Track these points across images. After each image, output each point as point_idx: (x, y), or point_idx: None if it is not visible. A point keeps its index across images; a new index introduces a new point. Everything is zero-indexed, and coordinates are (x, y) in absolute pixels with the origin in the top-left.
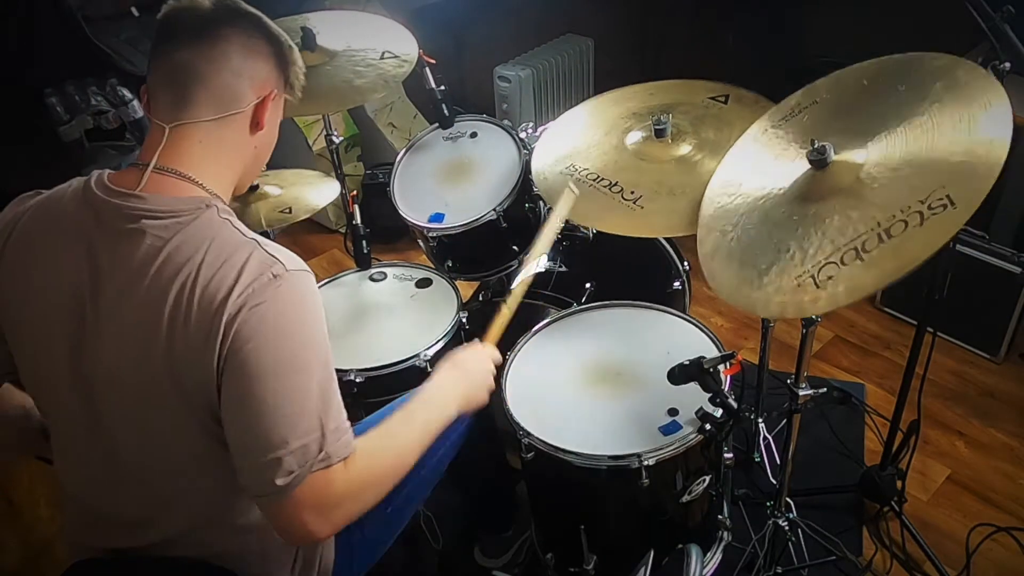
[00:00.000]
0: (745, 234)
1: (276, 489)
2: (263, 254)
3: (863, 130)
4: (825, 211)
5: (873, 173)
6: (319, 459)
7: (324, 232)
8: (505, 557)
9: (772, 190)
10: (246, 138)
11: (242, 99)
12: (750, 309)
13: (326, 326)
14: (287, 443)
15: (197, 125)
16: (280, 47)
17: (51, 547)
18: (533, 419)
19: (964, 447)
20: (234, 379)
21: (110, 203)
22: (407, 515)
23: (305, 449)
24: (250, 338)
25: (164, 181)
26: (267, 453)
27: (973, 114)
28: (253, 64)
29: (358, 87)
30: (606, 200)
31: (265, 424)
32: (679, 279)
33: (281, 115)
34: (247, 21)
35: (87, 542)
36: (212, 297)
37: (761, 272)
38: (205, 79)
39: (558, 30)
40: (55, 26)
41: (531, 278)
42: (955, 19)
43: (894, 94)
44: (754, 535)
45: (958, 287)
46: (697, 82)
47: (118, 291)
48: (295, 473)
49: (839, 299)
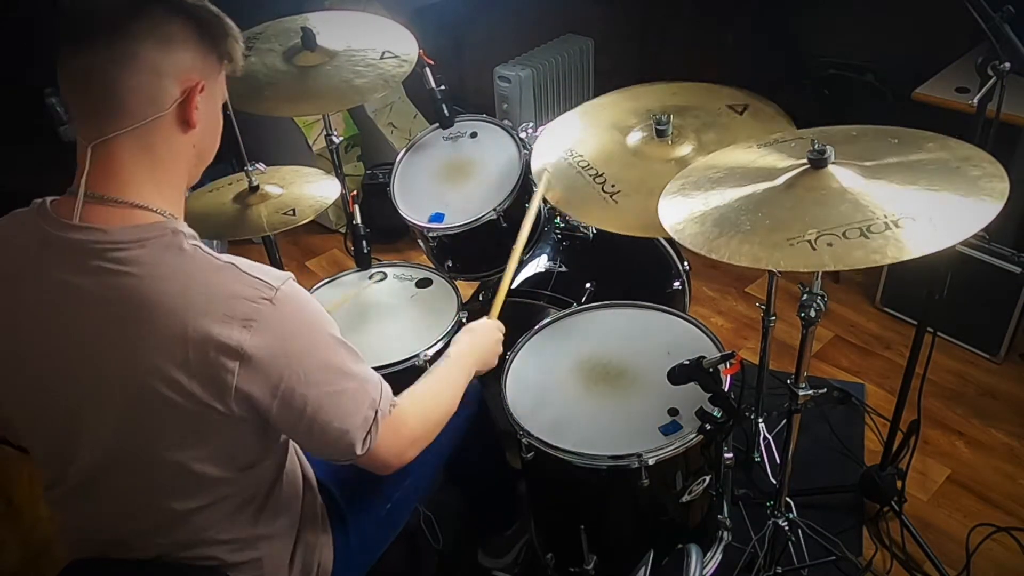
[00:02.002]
0: (721, 199)
1: (358, 456)
2: (246, 278)
3: (867, 167)
4: (821, 199)
5: (868, 188)
6: (379, 419)
7: (324, 232)
8: (507, 558)
9: (760, 171)
10: (179, 140)
11: (164, 99)
12: (720, 256)
13: (321, 308)
14: (352, 427)
15: (118, 139)
16: (205, 24)
17: (51, 547)
18: (533, 419)
19: (964, 447)
20: (283, 414)
21: (66, 240)
22: (405, 515)
23: (365, 419)
24: (277, 373)
25: (110, 212)
26: (339, 442)
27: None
28: (170, 56)
29: (358, 87)
30: (587, 189)
31: (326, 425)
32: (679, 279)
33: (221, 98)
34: (159, 6)
35: (85, 545)
36: (207, 334)
37: (743, 231)
38: (117, 84)
39: (558, 30)
40: (55, 26)
41: (521, 249)
42: (955, 19)
43: (916, 165)
44: (754, 535)
45: (958, 287)
46: (724, 89)
47: (93, 328)
48: (368, 436)
49: (842, 262)
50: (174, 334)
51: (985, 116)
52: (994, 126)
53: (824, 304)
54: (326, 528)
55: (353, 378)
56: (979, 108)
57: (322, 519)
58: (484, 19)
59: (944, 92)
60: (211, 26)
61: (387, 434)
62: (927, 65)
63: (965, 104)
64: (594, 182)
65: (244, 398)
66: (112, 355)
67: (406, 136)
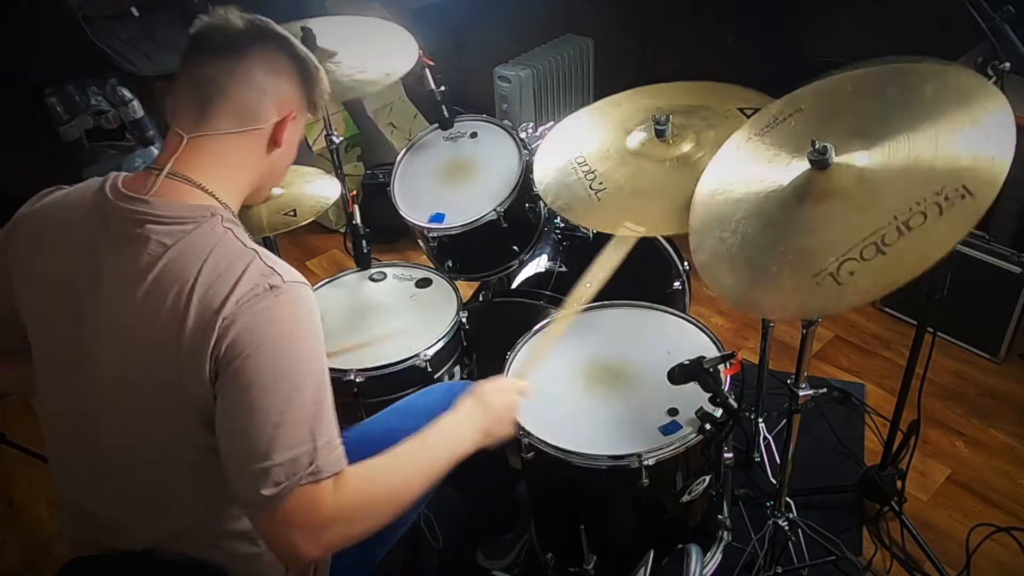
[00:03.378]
0: (746, 239)
1: (264, 499)
2: (261, 265)
3: (859, 133)
4: (832, 210)
5: (877, 173)
6: (308, 472)
7: (324, 232)
8: (506, 559)
9: (769, 194)
10: (262, 154)
11: (262, 116)
12: (763, 313)
13: (323, 340)
14: (276, 453)
15: (216, 137)
16: (306, 68)
17: (51, 547)
18: (533, 419)
19: (964, 447)
20: (228, 388)
21: (118, 207)
22: (407, 520)
23: (294, 461)
24: (244, 348)
25: (176, 187)
26: (256, 462)
27: (974, 116)
28: (276, 83)
29: (358, 82)
30: (576, 184)
31: (255, 433)
32: (679, 279)
33: (301, 134)
34: (275, 42)
35: (84, 540)
36: (208, 305)
37: (772, 275)
38: (227, 93)
39: (558, 30)
40: (55, 26)
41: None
42: (955, 19)
43: (883, 98)
44: (754, 535)
45: (958, 287)
46: (742, 91)
47: (117, 294)
48: (283, 484)
49: (867, 294)
50: (193, 306)
51: None
52: None
53: None
54: None
55: (308, 414)
56: None
57: None
58: (484, 19)
59: None
60: (310, 73)
61: (307, 499)
62: None
63: None
64: (585, 177)
65: (212, 368)
66: (140, 328)
67: (406, 136)
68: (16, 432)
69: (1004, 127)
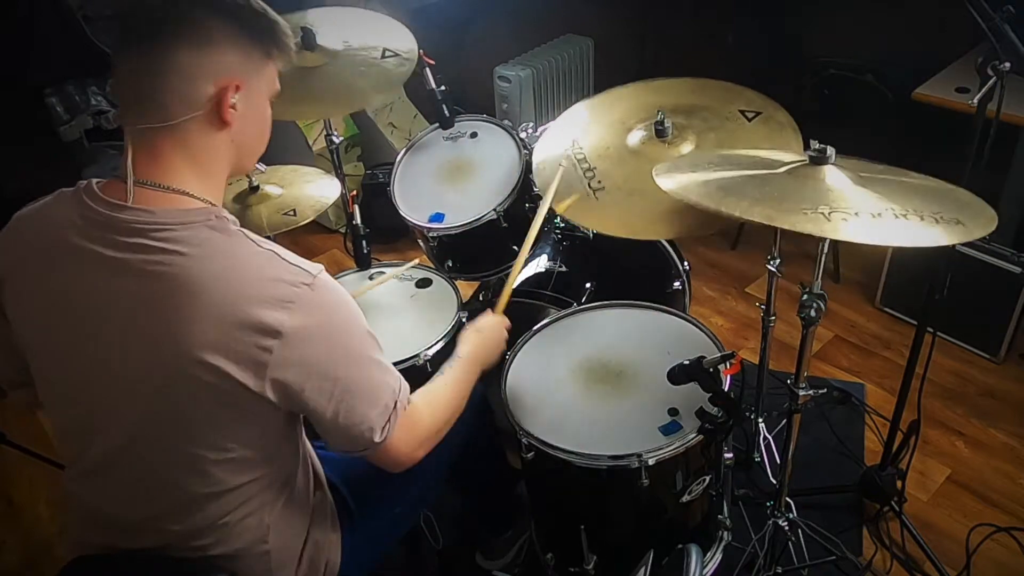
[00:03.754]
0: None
1: (376, 445)
2: (287, 265)
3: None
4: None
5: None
6: (398, 409)
7: (324, 232)
8: (506, 559)
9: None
10: (215, 137)
11: (198, 100)
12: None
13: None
14: (373, 411)
15: (157, 131)
16: (247, 19)
17: (51, 547)
18: (533, 419)
19: (964, 447)
20: (309, 388)
21: (115, 218)
22: (413, 517)
23: (386, 407)
24: (307, 350)
25: (155, 196)
26: (359, 427)
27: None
28: (208, 57)
29: (360, 89)
30: (576, 181)
31: (348, 410)
32: (679, 279)
33: (269, 92)
34: (201, 8)
35: (89, 541)
36: (246, 314)
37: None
38: (153, 87)
39: (558, 30)
40: (55, 26)
41: (529, 251)
42: (955, 19)
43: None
44: (754, 535)
45: (958, 287)
46: (746, 91)
47: (131, 304)
48: (386, 427)
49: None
50: (214, 313)
51: (985, 116)
52: (994, 126)
53: (824, 304)
54: (336, 527)
55: (378, 366)
56: (979, 108)
57: (332, 518)
58: (484, 19)
59: (944, 92)
60: (253, 22)
61: (402, 429)
62: (927, 65)
63: (965, 104)
64: (584, 175)
65: (278, 377)
66: (149, 333)
67: (406, 136)
68: (16, 432)
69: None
